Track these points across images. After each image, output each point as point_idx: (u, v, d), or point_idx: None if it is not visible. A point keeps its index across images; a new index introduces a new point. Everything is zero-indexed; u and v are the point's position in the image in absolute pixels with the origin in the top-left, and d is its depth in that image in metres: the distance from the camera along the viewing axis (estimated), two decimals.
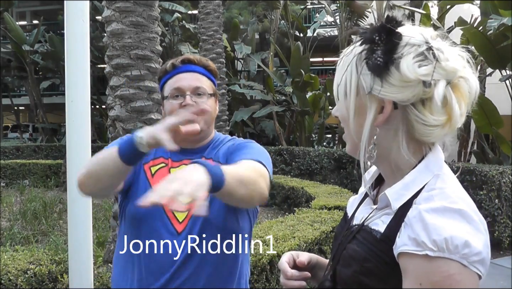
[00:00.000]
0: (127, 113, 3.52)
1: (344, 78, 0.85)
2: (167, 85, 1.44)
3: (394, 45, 0.79)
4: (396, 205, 0.82)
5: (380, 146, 0.84)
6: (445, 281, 0.72)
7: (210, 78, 1.47)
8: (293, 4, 14.37)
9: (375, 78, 0.80)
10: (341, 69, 0.87)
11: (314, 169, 8.73)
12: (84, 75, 2.11)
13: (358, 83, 0.83)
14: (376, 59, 0.79)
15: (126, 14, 3.55)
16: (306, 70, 11.16)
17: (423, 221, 0.74)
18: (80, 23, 2.08)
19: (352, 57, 0.85)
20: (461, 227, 0.73)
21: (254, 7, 14.18)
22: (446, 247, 0.72)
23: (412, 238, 0.75)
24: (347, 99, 0.85)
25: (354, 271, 0.83)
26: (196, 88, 1.40)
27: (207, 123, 1.42)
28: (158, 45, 3.73)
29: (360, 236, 0.86)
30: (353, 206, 1.00)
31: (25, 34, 16.59)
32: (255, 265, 2.64)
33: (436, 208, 0.75)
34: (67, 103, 2.10)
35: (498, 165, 6.71)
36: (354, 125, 0.85)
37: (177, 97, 1.40)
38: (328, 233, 3.43)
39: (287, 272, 1.01)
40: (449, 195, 0.77)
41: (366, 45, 0.82)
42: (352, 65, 0.84)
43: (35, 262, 2.50)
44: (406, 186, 0.82)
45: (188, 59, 1.44)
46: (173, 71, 1.44)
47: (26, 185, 9.49)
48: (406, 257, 0.75)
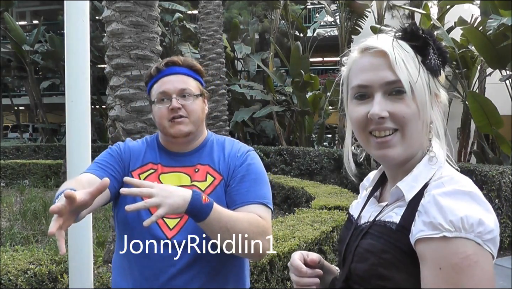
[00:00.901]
0: (127, 113, 3.52)
1: (420, 77, 0.86)
2: (153, 90, 1.44)
3: (444, 50, 0.88)
4: (409, 196, 0.85)
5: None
6: (463, 262, 0.74)
7: (196, 78, 1.46)
8: (293, 4, 14.37)
9: (433, 78, 0.88)
10: (407, 65, 0.85)
11: (314, 169, 8.74)
12: (84, 75, 2.11)
13: (428, 82, 0.87)
14: (435, 60, 0.86)
15: (126, 14, 3.55)
16: (306, 70, 11.16)
17: (438, 204, 0.77)
18: (80, 23, 2.08)
19: (413, 55, 0.87)
20: (473, 207, 0.77)
21: (254, 7, 14.18)
22: (462, 226, 0.74)
23: (427, 223, 0.77)
24: (422, 95, 0.86)
25: (372, 264, 0.85)
26: (181, 90, 1.40)
27: (195, 124, 1.41)
28: (158, 45, 3.73)
29: (373, 231, 0.89)
30: (357, 208, 1.03)
31: (25, 34, 16.58)
32: (255, 265, 2.64)
33: (448, 191, 0.79)
34: (67, 103, 2.10)
35: (498, 165, 6.71)
36: (424, 121, 0.87)
37: (163, 101, 1.40)
38: (328, 233, 3.42)
39: (302, 269, 1.01)
40: (458, 180, 0.82)
41: (418, 44, 0.86)
42: (416, 63, 0.86)
43: (35, 262, 2.50)
44: (415, 178, 0.86)
45: (172, 61, 1.43)
46: (158, 75, 1.43)
47: (26, 185, 9.49)
48: (423, 243, 0.78)
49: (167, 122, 1.39)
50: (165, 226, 1.35)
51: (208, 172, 1.41)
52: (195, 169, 1.41)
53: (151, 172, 1.42)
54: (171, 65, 1.43)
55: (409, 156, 0.88)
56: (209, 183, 1.39)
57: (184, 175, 1.41)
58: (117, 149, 1.46)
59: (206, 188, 1.38)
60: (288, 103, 12.77)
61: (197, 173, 1.41)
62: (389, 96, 0.85)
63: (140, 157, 1.44)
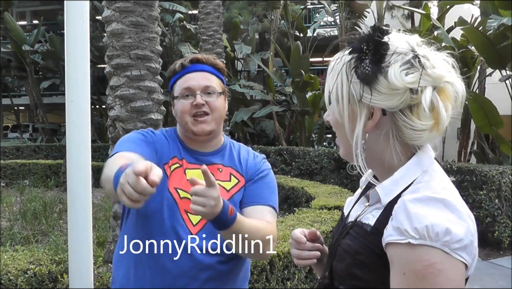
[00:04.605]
0: (127, 113, 3.52)
1: (336, 85, 0.88)
2: (176, 85, 1.45)
3: (382, 55, 0.82)
4: (386, 200, 0.85)
5: (371, 149, 0.87)
6: (427, 269, 0.74)
7: (219, 76, 1.48)
8: (293, 4, 14.36)
9: (364, 86, 0.83)
10: (332, 76, 0.90)
11: (314, 169, 8.73)
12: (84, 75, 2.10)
13: (349, 91, 0.86)
14: (365, 68, 0.82)
15: (126, 14, 3.54)
16: (306, 70, 11.15)
17: (406, 210, 0.77)
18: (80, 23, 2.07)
19: (342, 65, 0.87)
20: (443, 215, 0.76)
21: (254, 7, 14.17)
22: (427, 235, 0.74)
23: (396, 228, 0.77)
24: (340, 105, 0.88)
25: (348, 264, 0.86)
26: (206, 87, 1.42)
27: (217, 122, 1.43)
28: (158, 45, 3.73)
29: (353, 231, 0.90)
30: (349, 206, 1.04)
31: (25, 34, 16.57)
32: (255, 265, 2.64)
33: (419, 198, 0.78)
34: (67, 103, 2.09)
35: (498, 165, 6.71)
36: (348, 130, 0.88)
37: (187, 96, 1.41)
38: (328, 233, 3.42)
39: (301, 240, 1.05)
40: (433, 186, 0.81)
41: (354, 54, 0.85)
42: (342, 73, 0.87)
43: (35, 262, 2.50)
44: (395, 182, 0.85)
45: (197, 59, 1.45)
46: (182, 71, 1.45)
47: (26, 185, 9.47)
48: (392, 247, 0.78)
49: (189, 118, 1.40)
50: (189, 222, 1.36)
51: (231, 173, 1.44)
52: (218, 168, 1.44)
53: (177, 166, 1.42)
54: (195, 62, 1.45)
55: (352, 154, 0.88)
56: (234, 184, 1.43)
57: None
58: (150, 136, 1.43)
59: (231, 188, 1.42)
60: (288, 103, 12.76)
61: (221, 172, 1.43)
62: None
63: (166, 150, 1.43)
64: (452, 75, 0.84)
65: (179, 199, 1.36)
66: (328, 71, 0.91)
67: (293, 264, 2.92)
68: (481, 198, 5.59)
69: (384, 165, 0.88)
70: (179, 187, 1.37)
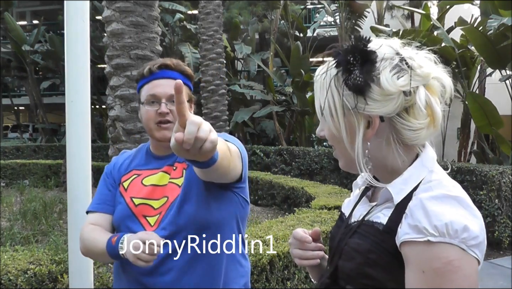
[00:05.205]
0: (127, 113, 3.52)
1: (327, 101, 0.89)
2: (143, 90, 1.45)
3: (372, 64, 0.83)
4: (398, 198, 0.86)
5: (375, 156, 0.88)
6: (445, 267, 0.75)
7: (186, 84, 1.46)
8: (293, 4, 14.37)
9: (358, 97, 0.84)
10: (320, 91, 0.90)
11: (314, 169, 8.74)
12: (84, 75, 2.11)
13: (342, 104, 0.87)
14: (355, 79, 0.83)
15: (126, 14, 3.55)
16: (306, 70, 11.15)
17: (424, 208, 0.78)
18: (80, 23, 2.07)
19: (329, 79, 0.88)
20: (460, 212, 0.77)
21: (254, 7, 14.17)
22: (446, 232, 0.75)
23: (413, 226, 0.78)
24: (334, 119, 0.88)
25: (358, 264, 0.86)
26: (171, 96, 1.40)
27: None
28: (158, 45, 3.73)
29: (361, 230, 0.90)
30: (349, 206, 1.04)
31: (25, 34, 16.59)
32: (255, 265, 2.64)
33: (435, 195, 0.79)
34: (67, 103, 2.10)
35: (498, 165, 6.71)
36: (346, 142, 0.89)
37: (153, 103, 1.42)
38: (328, 233, 3.42)
39: (306, 239, 1.05)
40: (446, 184, 0.82)
41: (341, 67, 0.86)
42: (332, 88, 0.88)
43: (35, 262, 2.50)
44: (405, 181, 0.87)
45: (165, 65, 1.44)
46: (150, 76, 1.44)
47: (26, 185, 9.48)
48: (408, 246, 0.79)
49: (153, 125, 1.42)
50: (147, 225, 1.37)
51: (184, 168, 1.42)
52: (173, 167, 1.44)
53: (134, 177, 1.46)
54: (164, 68, 1.44)
55: (354, 165, 0.88)
56: (183, 175, 1.41)
57: (164, 174, 1.43)
58: (109, 173, 1.52)
59: (182, 184, 1.39)
60: (288, 103, 12.77)
61: (175, 170, 1.43)
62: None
63: (124, 166, 1.50)
64: (438, 71, 0.87)
65: (134, 207, 1.40)
66: (315, 87, 0.92)
67: (293, 264, 2.92)
68: (481, 198, 5.59)
69: (387, 167, 0.89)
70: (134, 196, 1.42)
